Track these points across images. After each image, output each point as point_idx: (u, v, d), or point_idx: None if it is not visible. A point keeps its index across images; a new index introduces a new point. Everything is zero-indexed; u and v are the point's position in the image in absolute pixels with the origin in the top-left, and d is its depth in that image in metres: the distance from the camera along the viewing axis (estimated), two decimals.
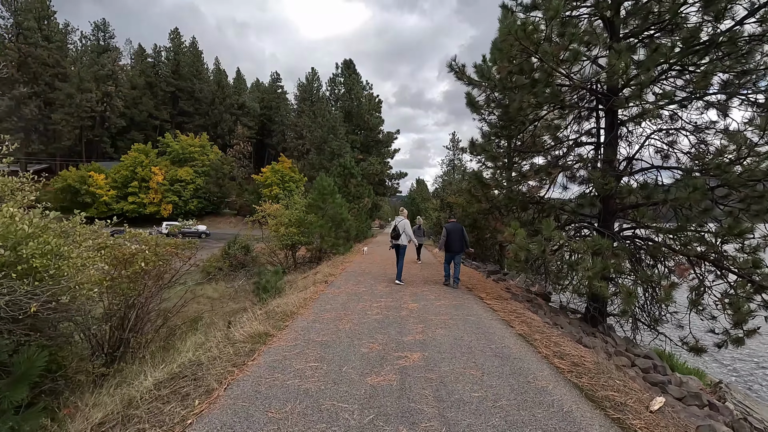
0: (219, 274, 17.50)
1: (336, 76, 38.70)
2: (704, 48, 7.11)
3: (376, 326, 5.20)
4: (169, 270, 7.24)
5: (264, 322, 5.35)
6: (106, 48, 69.03)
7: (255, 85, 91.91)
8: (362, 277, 9.61)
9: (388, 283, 8.71)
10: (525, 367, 3.90)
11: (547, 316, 7.06)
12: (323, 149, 30.46)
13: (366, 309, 6.18)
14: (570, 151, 9.61)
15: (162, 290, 7.12)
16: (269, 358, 3.95)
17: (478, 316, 5.98)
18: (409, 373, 3.65)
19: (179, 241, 7.00)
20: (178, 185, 60.27)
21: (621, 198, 8.85)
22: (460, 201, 24.76)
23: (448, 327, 5.27)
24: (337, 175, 21.18)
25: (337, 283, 8.75)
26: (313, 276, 10.51)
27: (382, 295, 7.40)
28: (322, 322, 5.33)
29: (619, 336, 8.32)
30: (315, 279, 9.69)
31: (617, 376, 3.96)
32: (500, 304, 7.03)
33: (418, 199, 69.66)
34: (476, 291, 8.19)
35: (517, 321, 5.79)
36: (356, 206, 20.73)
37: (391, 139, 37.35)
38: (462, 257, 10.15)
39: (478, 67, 9.96)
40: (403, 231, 8.95)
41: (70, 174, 55.77)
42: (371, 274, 10.15)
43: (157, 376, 3.74)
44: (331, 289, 7.97)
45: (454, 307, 6.49)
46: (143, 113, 71.65)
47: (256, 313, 6.25)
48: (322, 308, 6.20)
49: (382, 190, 36.22)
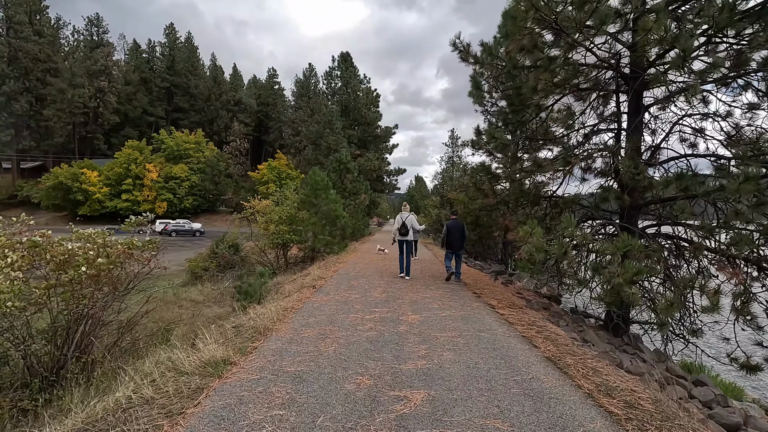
0: (205, 274, 16.46)
1: (332, 70, 37.50)
2: (754, 13, 6.06)
3: (367, 347, 4.17)
4: (131, 274, 6.20)
5: (228, 342, 4.31)
6: (99, 43, 67.60)
7: (252, 81, 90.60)
8: (356, 281, 8.57)
9: (384, 288, 7.68)
10: (568, 414, 2.86)
11: (570, 328, 6.04)
12: (319, 144, 29.33)
13: (357, 323, 5.14)
14: (587, 140, 8.57)
15: (119, 299, 6.08)
16: (219, 401, 2.91)
17: (492, 331, 4.95)
18: (410, 427, 2.61)
19: (135, 241, 5.93)
20: (173, 182, 59.13)
21: (650, 191, 7.84)
22: (462, 197, 23.77)
23: (457, 348, 4.23)
24: (332, 170, 20.07)
25: (326, 287, 7.71)
26: (302, 279, 9.47)
27: (378, 303, 6.36)
28: (300, 343, 4.28)
29: (648, 348, 7.31)
30: (303, 283, 8.65)
31: (690, 424, 2.93)
32: (515, 314, 6.00)
33: (417, 197, 68.76)
34: (485, 297, 7.15)
35: (539, 338, 4.76)
36: (352, 203, 19.67)
37: (390, 134, 36.22)
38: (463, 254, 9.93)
39: (485, 45, 8.91)
40: (411, 227, 8.94)
41: (62, 171, 54.54)
42: (366, 277, 9.11)
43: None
44: (318, 295, 6.92)
45: (462, 320, 5.45)
46: (137, 109, 70.38)
47: (225, 327, 5.21)
48: (304, 322, 5.16)
49: (380, 187, 35.11)
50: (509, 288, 8.96)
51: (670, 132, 8.44)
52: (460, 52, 9.01)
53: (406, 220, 8.88)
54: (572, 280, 6.84)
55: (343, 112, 33.79)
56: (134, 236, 6.19)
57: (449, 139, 53.01)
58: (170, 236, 44.93)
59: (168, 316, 12.16)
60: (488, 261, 25.02)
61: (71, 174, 54.49)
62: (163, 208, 58.22)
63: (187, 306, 13.36)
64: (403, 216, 8.99)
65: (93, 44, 67.10)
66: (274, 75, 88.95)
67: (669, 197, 7.71)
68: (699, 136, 8.35)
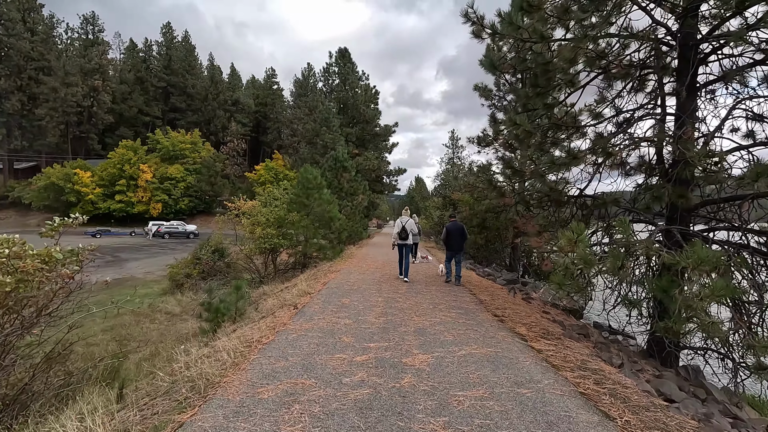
0: (187, 282, 15.00)
1: (330, 66, 35.99)
2: None
3: (354, 423, 2.70)
4: (56, 293, 4.73)
5: (147, 409, 2.84)
6: (94, 42, 66.29)
7: (250, 81, 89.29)
8: (348, 297, 7.09)
9: (383, 309, 6.21)
10: None
11: (628, 367, 4.55)
12: (315, 143, 27.83)
13: (343, 370, 3.67)
14: (627, 126, 7.11)
15: (34, 326, 4.61)
16: None
17: (534, 384, 3.47)
18: None
19: (55, 251, 4.45)
20: (168, 183, 57.83)
21: (706, 188, 6.41)
22: (467, 198, 22.19)
23: (492, 422, 2.76)
24: (328, 168, 18.53)
25: (311, 307, 6.23)
26: (285, 293, 8.01)
27: (374, 333, 4.88)
28: (251, 414, 2.81)
29: (714, 386, 5.82)
30: (284, 299, 7.19)
31: None
32: (554, 348, 4.53)
33: (417, 198, 67.25)
34: (510, 321, 5.67)
35: (604, 395, 3.29)
36: (350, 204, 18.15)
37: (389, 133, 34.61)
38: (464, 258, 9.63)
39: (503, 14, 7.44)
40: (411, 231, 8.98)
41: (54, 171, 53.18)
42: (361, 292, 7.63)
43: None
44: (298, 321, 5.44)
45: (490, 362, 3.97)
46: (133, 109, 69.07)
47: (158, 377, 3.75)
48: (268, 370, 3.68)
49: (379, 188, 33.56)
50: (533, 305, 7.48)
51: (727, 117, 6.99)
52: (473, 24, 7.53)
53: (406, 224, 8.92)
54: (624, 302, 5.36)
55: (341, 109, 32.28)
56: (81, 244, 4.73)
57: (449, 140, 51.86)
58: (163, 238, 43.56)
59: (136, 332, 10.71)
60: (494, 264, 23.53)
61: (63, 174, 53.13)
62: (158, 210, 56.85)
63: (160, 320, 11.91)
64: (403, 220, 9.02)
65: (88, 42, 65.78)
66: (272, 75, 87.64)
67: (730, 196, 6.30)
68: (762, 121, 6.91)
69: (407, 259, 9.13)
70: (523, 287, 12.29)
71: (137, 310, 12.43)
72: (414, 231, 9.18)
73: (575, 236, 4.56)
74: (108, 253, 28.33)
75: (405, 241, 8.95)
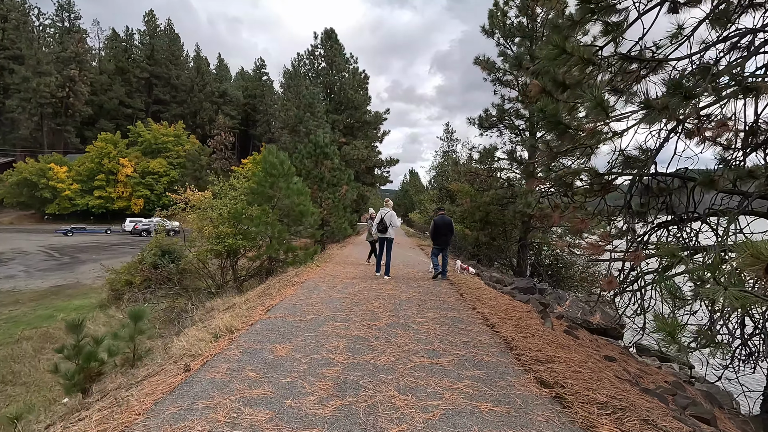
0: (129, 292, 12.30)
1: (315, 48, 33.04)
2: None
3: None
4: None
5: None
6: (70, 29, 62.84)
7: (239, 74, 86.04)
8: (290, 341, 4.45)
9: (343, 368, 3.59)
10: None
11: None
12: (298, 130, 25.07)
13: None
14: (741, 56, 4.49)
15: None
16: None
17: None
18: None
19: None
20: (150, 178, 54.87)
21: None
22: (466, 188, 19.58)
23: None
24: (306, 155, 15.77)
25: (208, 374, 3.54)
26: (215, 319, 5.36)
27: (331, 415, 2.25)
28: None
29: None
30: (201, 336, 4.55)
31: None
32: None
33: (411, 191, 64.55)
34: (576, 399, 3.05)
35: None
36: (331, 196, 15.44)
37: (380, 120, 31.78)
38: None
39: None
40: (390, 223, 8.74)
41: (26, 166, 49.98)
42: (317, 326, 4.96)
43: None
44: (162, 413, 2.79)
45: None
46: (113, 101, 65.79)
47: None
48: None
49: (369, 180, 30.87)
50: (583, 344, 4.86)
51: None
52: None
53: (385, 216, 8.64)
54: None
55: (327, 95, 29.49)
56: None
57: (444, 133, 50.79)
58: (140, 236, 40.77)
59: (24, 370, 8.09)
60: (496, 264, 20.96)
61: (37, 169, 49.97)
62: (139, 206, 53.98)
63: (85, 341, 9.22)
64: (383, 212, 8.72)
65: (63, 30, 62.35)
66: (262, 66, 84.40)
67: None
68: None
69: (389, 254, 8.74)
70: (544, 299, 9.70)
71: (48, 332, 9.76)
72: (396, 224, 9.06)
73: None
74: (68, 254, 25.59)
75: (385, 235, 8.72)
